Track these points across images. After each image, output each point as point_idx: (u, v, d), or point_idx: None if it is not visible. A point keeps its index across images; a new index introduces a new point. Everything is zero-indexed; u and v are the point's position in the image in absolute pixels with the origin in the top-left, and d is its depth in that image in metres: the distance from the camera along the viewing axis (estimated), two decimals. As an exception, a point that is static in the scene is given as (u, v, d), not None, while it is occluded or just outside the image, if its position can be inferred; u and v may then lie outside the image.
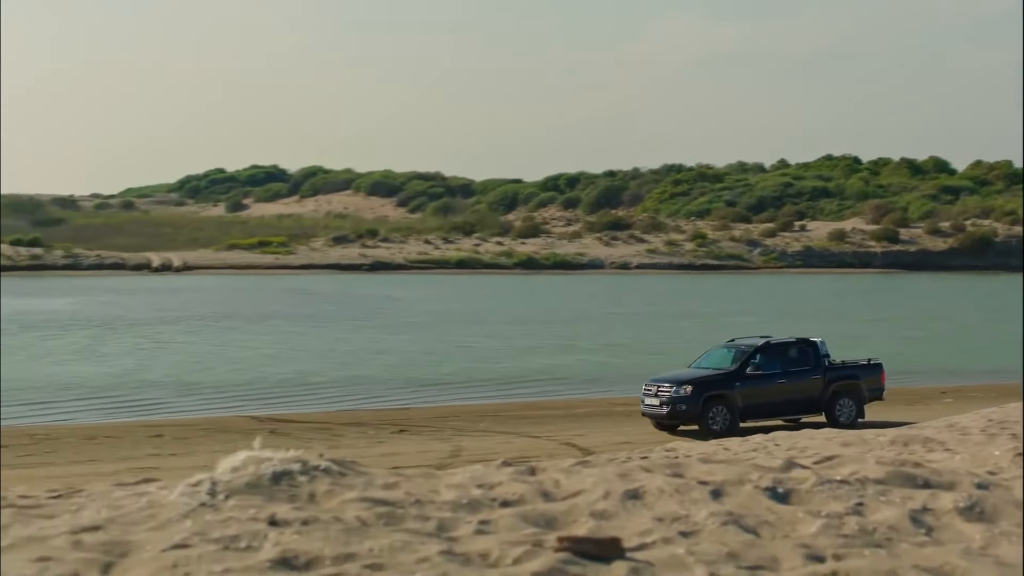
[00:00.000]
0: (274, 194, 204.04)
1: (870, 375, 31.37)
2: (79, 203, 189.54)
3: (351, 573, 6.34)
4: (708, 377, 29.90)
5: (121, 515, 7.56)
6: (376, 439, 29.41)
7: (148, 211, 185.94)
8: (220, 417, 33.74)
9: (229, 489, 7.62)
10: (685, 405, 29.10)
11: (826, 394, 30.49)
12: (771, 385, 30.08)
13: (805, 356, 30.94)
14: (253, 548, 6.72)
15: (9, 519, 7.79)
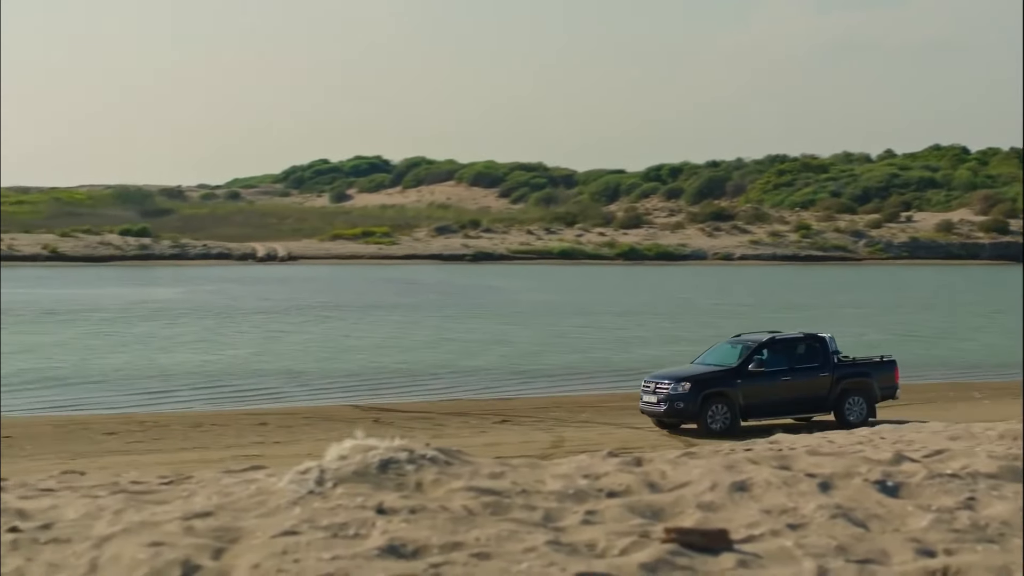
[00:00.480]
0: (377, 185, 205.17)
1: (882, 373, 30.15)
2: (186, 194, 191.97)
3: (458, 562, 6.36)
4: (708, 374, 28.90)
5: (231, 501, 7.65)
6: (479, 429, 29.51)
7: (253, 201, 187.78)
8: (324, 406, 34.04)
9: (337, 477, 7.68)
10: (683, 403, 28.09)
11: (834, 392, 29.29)
12: (775, 383, 29.05)
13: (813, 353, 29.80)
14: (361, 536, 6.76)
15: (122, 504, 7.92)
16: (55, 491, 9.10)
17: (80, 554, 6.71)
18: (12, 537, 7.11)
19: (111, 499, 8.20)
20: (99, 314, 62.14)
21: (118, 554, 6.61)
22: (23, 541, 7.03)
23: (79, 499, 8.34)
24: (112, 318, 60.36)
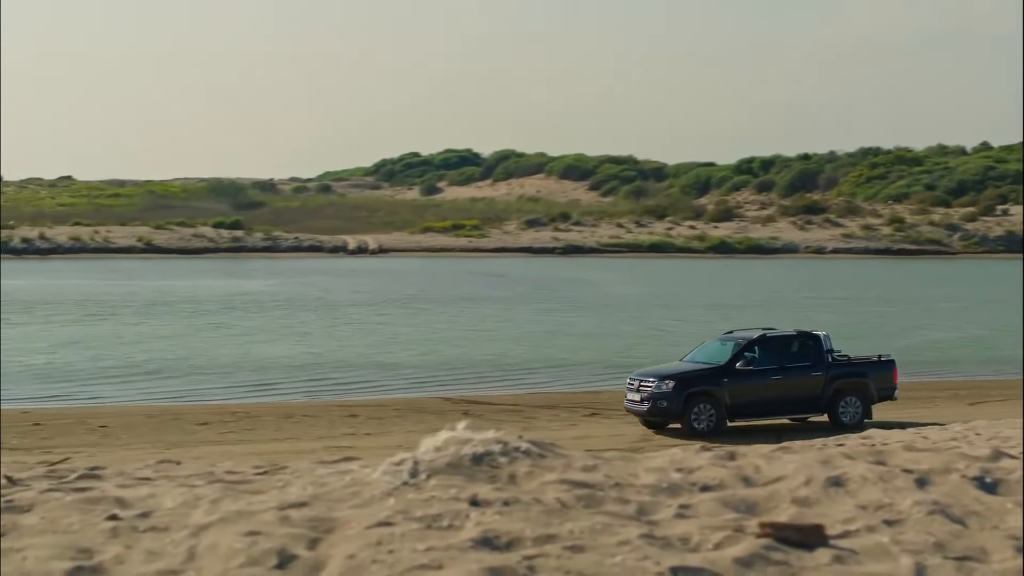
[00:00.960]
0: (467, 177, 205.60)
1: (880, 373, 29.25)
2: (278, 187, 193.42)
3: (552, 554, 6.36)
4: (692, 372, 28.17)
5: (326, 492, 7.71)
6: (568, 422, 29.53)
7: (344, 194, 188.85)
8: (414, 398, 34.22)
9: (431, 469, 7.71)
10: (666, 402, 27.33)
11: (828, 392, 28.45)
12: (764, 382, 28.19)
13: (806, 351, 28.94)
14: (455, 527, 6.78)
15: (219, 493, 8.00)
16: (152, 480, 9.22)
17: (178, 543, 6.80)
18: (111, 525, 7.21)
19: (208, 488, 8.29)
20: (194, 306, 62.86)
21: (215, 543, 6.68)
22: (122, 529, 7.12)
23: (176, 488, 8.45)
24: (208, 310, 61.04)
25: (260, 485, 8.44)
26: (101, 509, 7.65)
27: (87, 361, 41.99)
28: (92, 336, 49.40)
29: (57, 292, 70.81)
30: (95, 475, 9.47)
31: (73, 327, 52.99)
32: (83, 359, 42.49)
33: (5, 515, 7.63)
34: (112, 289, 73.45)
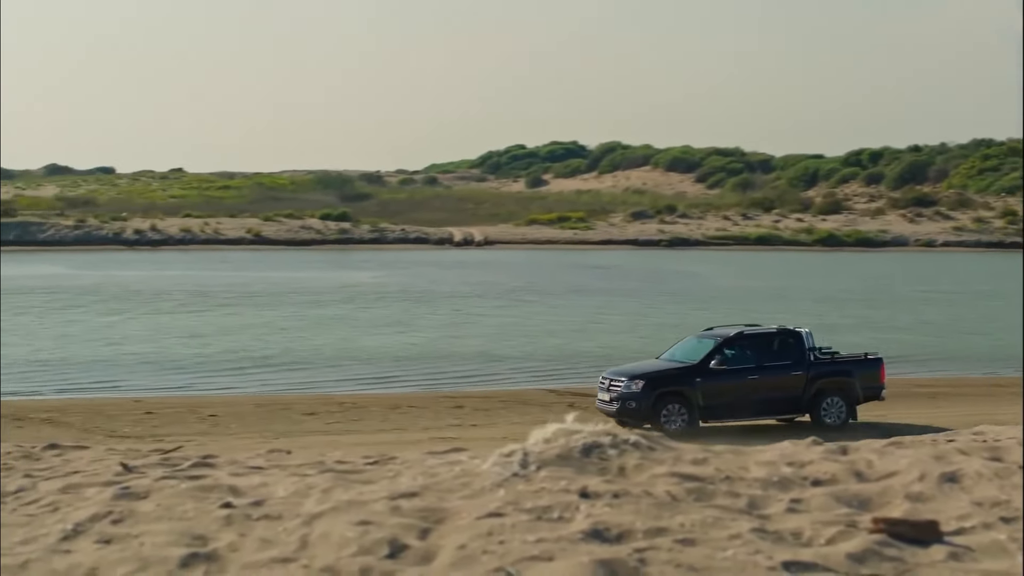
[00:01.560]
0: (573, 170, 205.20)
1: (866, 372, 27.93)
2: (385, 179, 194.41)
3: (662, 547, 6.34)
4: (663, 371, 27.11)
5: (436, 482, 7.75)
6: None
7: (451, 187, 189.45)
8: (520, 390, 34.22)
9: (540, 460, 7.73)
10: (635, 402, 26.24)
11: (809, 392, 27.20)
12: (740, 381, 26.93)
13: (785, 349, 27.66)
14: (565, 519, 6.79)
15: (330, 483, 8.08)
16: (264, 469, 9.34)
17: (291, 531, 6.87)
18: (225, 513, 7.31)
19: (319, 478, 8.38)
20: (303, 297, 63.43)
21: (327, 532, 6.75)
22: (236, 517, 7.22)
23: (288, 477, 8.54)
24: (317, 301, 61.55)
25: (371, 475, 8.51)
26: (215, 497, 7.77)
27: (198, 351, 42.55)
28: (203, 326, 50.04)
29: (169, 283, 71.82)
30: (208, 463, 9.61)
31: (185, 317, 53.72)
32: (194, 349, 43.06)
33: (122, 502, 7.76)
34: (222, 280, 74.34)
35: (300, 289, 68.07)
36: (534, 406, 29.59)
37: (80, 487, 8.61)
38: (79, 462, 10.40)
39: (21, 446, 11.86)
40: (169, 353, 41.97)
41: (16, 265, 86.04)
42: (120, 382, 35.84)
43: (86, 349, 42.64)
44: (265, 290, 67.20)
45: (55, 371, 37.83)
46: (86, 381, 36.00)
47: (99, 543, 6.84)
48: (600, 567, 6.00)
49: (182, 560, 6.39)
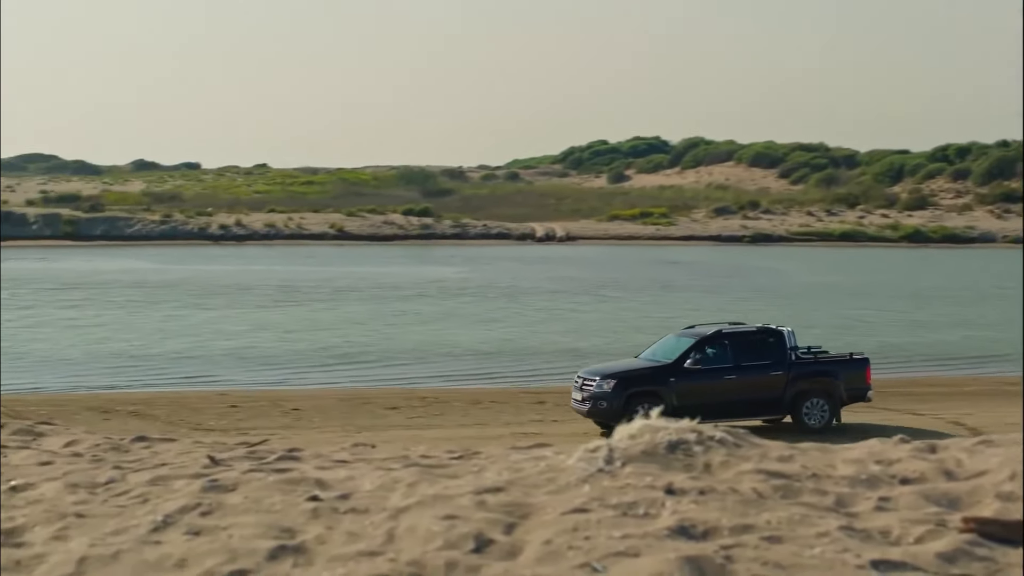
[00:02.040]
0: (655, 165, 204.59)
1: (851, 372, 27.16)
2: (467, 174, 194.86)
3: (749, 544, 6.31)
4: (636, 371, 26.59)
5: (521, 478, 7.75)
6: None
7: (532, 182, 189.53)
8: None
9: (626, 456, 7.71)
10: (606, 402, 25.65)
11: (789, 393, 26.51)
12: (716, 382, 26.32)
13: (766, 348, 26.97)
14: (651, 515, 6.77)
15: (415, 477, 8.11)
16: (349, 463, 9.38)
17: (377, 524, 6.90)
18: (312, 506, 7.36)
19: (404, 472, 8.40)
20: (387, 292, 63.74)
21: (413, 526, 6.77)
22: (323, 510, 7.26)
23: (373, 471, 8.58)
24: (401, 296, 61.84)
25: (455, 470, 8.52)
26: (302, 490, 7.82)
27: (283, 345, 42.90)
28: (288, 321, 50.44)
29: (255, 278, 72.44)
30: (294, 457, 9.68)
31: (271, 312, 54.18)
32: (279, 344, 43.41)
33: (210, 494, 7.84)
34: (308, 275, 74.87)
35: (384, 284, 68.42)
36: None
37: (168, 479, 8.70)
38: (167, 454, 10.51)
39: (110, 438, 12.01)
40: (254, 347, 42.35)
41: (104, 260, 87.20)
42: (208, 375, 36.23)
43: (172, 343, 43.12)
44: (349, 285, 67.61)
45: (143, 365, 38.30)
46: (172, 375, 36.42)
47: (188, 535, 6.91)
48: (686, 564, 5.98)
49: (270, 552, 6.44)
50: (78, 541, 6.85)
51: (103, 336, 44.94)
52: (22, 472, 9.51)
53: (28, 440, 11.59)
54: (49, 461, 10.06)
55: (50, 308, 54.27)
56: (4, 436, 11.75)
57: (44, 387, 33.72)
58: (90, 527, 7.23)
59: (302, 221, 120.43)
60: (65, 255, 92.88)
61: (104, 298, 59.07)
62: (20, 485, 8.76)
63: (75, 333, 45.73)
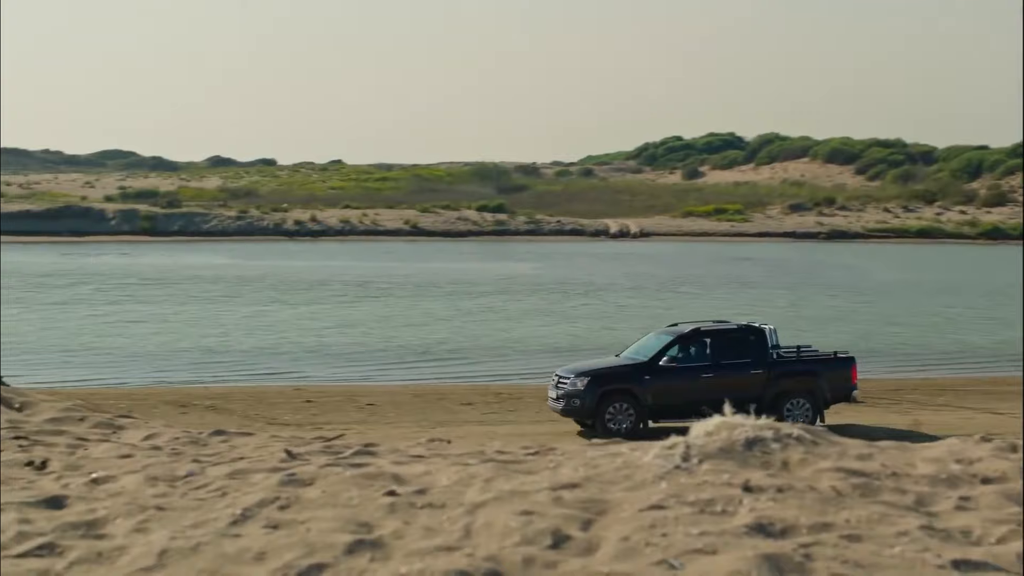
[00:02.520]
0: (730, 161, 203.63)
1: (835, 371, 26.38)
2: (541, 171, 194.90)
3: (828, 543, 6.27)
4: (610, 369, 26.11)
5: (597, 474, 7.75)
6: (832, 409, 28.95)
7: (606, 178, 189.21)
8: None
9: (702, 453, 7.69)
10: (579, 400, 25.19)
11: (770, 392, 25.69)
12: (693, 380, 25.57)
13: (745, 347, 26.15)
14: (728, 513, 6.74)
15: (492, 472, 8.12)
16: (425, 458, 9.42)
17: (454, 519, 6.92)
18: (389, 500, 7.40)
19: (480, 467, 8.42)
20: (463, 288, 63.85)
21: (490, 521, 6.78)
22: (400, 505, 7.29)
23: (450, 466, 8.61)
24: (477, 292, 61.92)
25: (531, 465, 8.53)
26: (379, 485, 7.86)
27: (358, 340, 43.08)
28: (364, 316, 50.66)
29: (331, 273, 72.82)
30: (370, 452, 9.73)
31: (347, 307, 54.44)
32: (354, 338, 43.61)
33: (288, 488, 7.89)
34: (384, 271, 75.14)
35: (459, 280, 68.51)
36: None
37: (247, 473, 8.77)
38: (244, 448, 10.60)
39: (188, 432, 12.13)
40: (331, 343, 42.57)
41: (182, 255, 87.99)
42: (283, 369, 36.45)
43: (250, 338, 43.43)
44: (426, 280, 67.76)
45: (219, 358, 38.61)
46: (249, 370, 36.68)
47: (267, 528, 6.96)
48: (764, 561, 5.95)
49: (348, 546, 6.48)
50: (159, 533, 6.92)
51: (181, 331, 45.35)
52: (103, 465, 9.63)
53: (108, 433, 11.74)
54: (129, 454, 10.18)
55: (133, 304, 54.84)
56: (85, 429, 11.90)
57: (125, 382, 34.09)
58: (170, 520, 7.30)
59: (376, 217, 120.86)
60: (144, 250, 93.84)
61: (184, 293, 59.62)
62: (101, 477, 8.87)
63: (154, 328, 46.19)
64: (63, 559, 6.52)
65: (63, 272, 71.29)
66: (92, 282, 64.95)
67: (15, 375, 21.30)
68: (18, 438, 11.15)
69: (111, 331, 45.13)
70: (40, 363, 36.73)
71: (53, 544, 6.78)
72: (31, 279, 66.13)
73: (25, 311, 51.20)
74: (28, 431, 11.56)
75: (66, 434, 11.56)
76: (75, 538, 6.96)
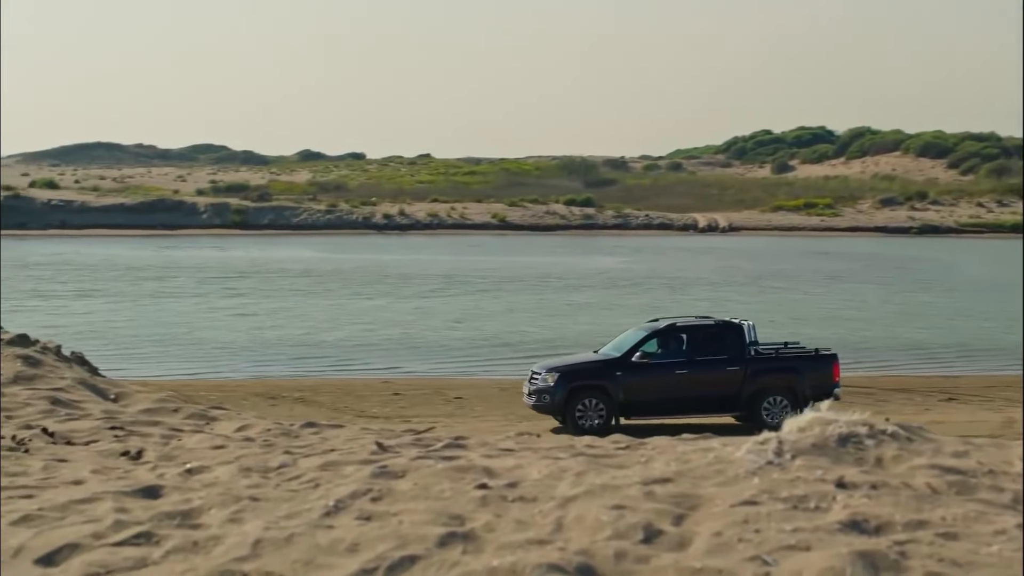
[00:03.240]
0: (820, 155, 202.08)
1: (815, 369, 25.63)
2: (629, 165, 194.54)
3: (923, 541, 6.20)
4: (581, 365, 25.81)
5: (689, 469, 7.72)
6: (923, 406, 28.63)
7: (695, 172, 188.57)
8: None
9: (795, 449, 7.63)
10: (549, 396, 24.89)
11: (747, 390, 25.18)
12: (666, 377, 25.10)
13: (721, 343, 25.64)
14: (821, 509, 6.70)
15: (583, 467, 8.12)
16: (515, 451, 9.44)
17: (546, 513, 6.93)
18: (481, 494, 7.42)
19: (571, 461, 8.43)
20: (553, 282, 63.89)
21: (582, 515, 6.78)
22: (491, 498, 7.31)
23: (540, 460, 8.62)
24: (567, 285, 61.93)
25: (622, 460, 8.53)
26: (470, 478, 7.88)
27: (448, 334, 43.23)
28: (453, 310, 50.83)
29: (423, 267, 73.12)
30: (460, 445, 9.76)
31: (438, 300, 54.64)
32: (444, 332, 43.76)
33: (380, 480, 7.94)
34: (474, 265, 75.33)
35: (549, 275, 68.50)
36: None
37: (338, 464, 8.84)
38: (335, 440, 10.67)
39: (280, 423, 12.24)
40: (419, 336, 42.76)
41: (273, 248, 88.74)
42: (369, 363, 36.68)
43: (339, 331, 43.73)
44: (514, 275, 67.83)
45: (309, 352, 38.92)
46: (337, 362, 36.95)
47: (359, 520, 7.01)
48: (859, 559, 5.89)
49: (440, 539, 6.50)
50: (253, 524, 6.99)
51: (272, 323, 45.78)
52: (197, 455, 9.74)
53: (201, 424, 11.87)
54: (222, 445, 10.28)
55: (221, 298, 55.41)
56: (179, 420, 12.05)
57: (219, 373, 34.49)
58: (264, 510, 7.37)
59: (464, 211, 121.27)
60: (235, 244, 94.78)
61: (272, 286, 60.15)
62: (196, 468, 8.97)
63: (246, 321, 46.64)
64: (159, 548, 6.61)
65: (160, 265, 72.20)
66: (189, 273, 65.76)
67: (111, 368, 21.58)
68: (113, 428, 11.31)
69: (203, 323, 45.66)
70: (133, 355, 37.24)
71: (150, 533, 6.87)
72: (129, 272, 67.09)
73: (120, 303, 51.93)
74: (123, 421, 11.72)
75: (160, 425, 11.71)
76: (171, 527, 7.04)
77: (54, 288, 58.01)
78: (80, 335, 38.58)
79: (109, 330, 43.03)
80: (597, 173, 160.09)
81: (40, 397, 12.42)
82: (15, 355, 13.97)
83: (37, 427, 11.03)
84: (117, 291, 56.72)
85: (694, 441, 9.41)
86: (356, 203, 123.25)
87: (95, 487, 8.26)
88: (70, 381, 13.41)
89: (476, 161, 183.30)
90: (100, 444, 10.55)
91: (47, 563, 6.44)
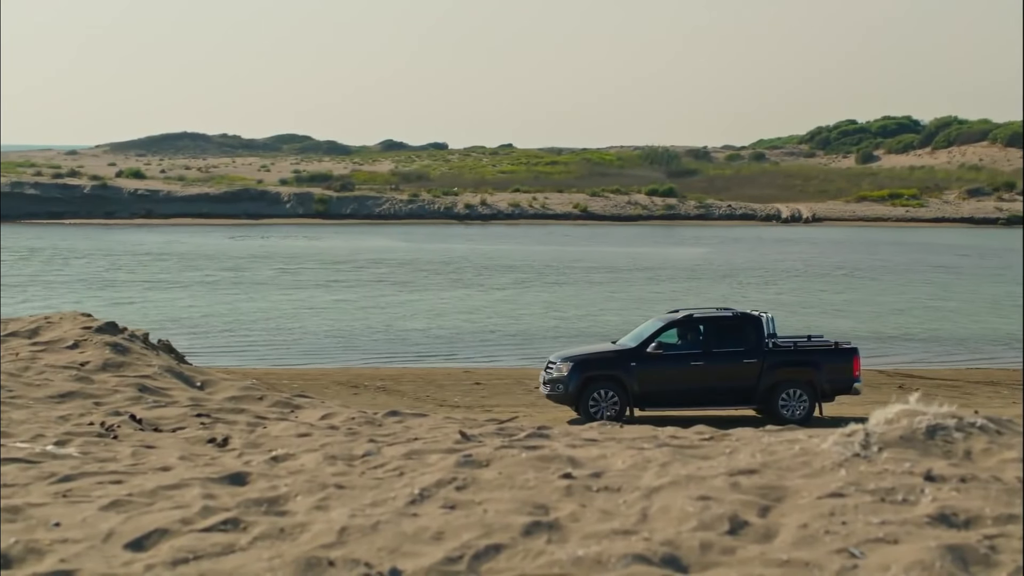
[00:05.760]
0: (906, 145, 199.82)
1: (835, 362, 25.48)
2: (712, 155, 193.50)
3: (1014, 535, 6.13)
4: (596, 355, 25.67)
5: (775, 460, 7.68)
6: (1010, 399, 28.27)
7: (778, 162, 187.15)
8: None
9: (882, 441, 7.57)
10: (562, 386, 24.90)
11: (765, 383, 25.05)
12: (683, 368, 25.06)
13: (739, 335, 25.45)
14: (909, 502, 6.64)
15: (668, 457, 8.10)
16: (599, 441, 9.44)
17: (631, 503, 6.92)
18: (565, 483, 7.42)
19: (655, 452, 8.41)
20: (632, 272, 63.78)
21: (667, 505, 6.77)
22: (576, 488, 7.31)
23: (624, 450, 8.61)
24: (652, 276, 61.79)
25: (707, 451, 8.50)
26: (555, 467, 7.88)
27: (532, 324, 43.28)
28: (538, 301, 50.87)
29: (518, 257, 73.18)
30: (543, 434, 9.78)
31: (522, 291, 54.70)
32: (526, 324, 43.81)
33: (465, 469, 7.96)
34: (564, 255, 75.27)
35: (633, 266, 68.28)
36: (864, 386, 28.94)
37: (422, 453, 8.87)
38: (419, 429, 10.72)
39: (364, 412, 12.31)
40: (500, 326, 42.84)
41: (358, 238, 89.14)
42: (453, 354, 36.82)
43: (421, 322, 43.92)
44: (600, 265, 67.69)
45: (393, 341, 39.14)
46: (419, 351, 37.13)
47: (444, 508, 7.03)
48: (948, 552, 5.83)
49: (525, 528, 6.51)
50: (339, 511, 7.04)
51: (356, 312, 46.06)
52: (282, 443, 9.82)
53: (286, 412, 11.97)
54: (307, 433, 10.36)
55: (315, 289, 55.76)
56: (264, 408, 12.15)
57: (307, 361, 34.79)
58: (349, 498, 7.41)
59: (546, 201, 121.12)
60: (321, 232, 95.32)
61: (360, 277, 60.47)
62: (281, 455, 9.04)
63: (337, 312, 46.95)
64: (247, 534, 6.66)
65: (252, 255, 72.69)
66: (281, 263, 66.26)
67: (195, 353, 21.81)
68: (200, 415, 11.44)
69: (290, 311, 46.02)
70: (219, 343, 37.63)
71: (237, 519, 6.93)
72: (223, 261, 67.64)
73: (210, 292, 52.43)
74: (209, 409, 11.84)
75: (246, 412, 11.82)
76: (258, 514, 7.10)
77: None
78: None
79: (198, 317, 43.48)
80: (679, 163, 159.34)
81: (128, 384, 12.59)
82: (104, 342, 14.16)
83: (125, 414, 11.17)
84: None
85: (779, 432, 9.36)
86: (438, 193, 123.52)
87: (183, 473, 8.36)
88: (157, 368, 13.57)
89: (558, 151, 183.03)
90: (187, 431, 10.67)
91: (136, 548, 6.51)
